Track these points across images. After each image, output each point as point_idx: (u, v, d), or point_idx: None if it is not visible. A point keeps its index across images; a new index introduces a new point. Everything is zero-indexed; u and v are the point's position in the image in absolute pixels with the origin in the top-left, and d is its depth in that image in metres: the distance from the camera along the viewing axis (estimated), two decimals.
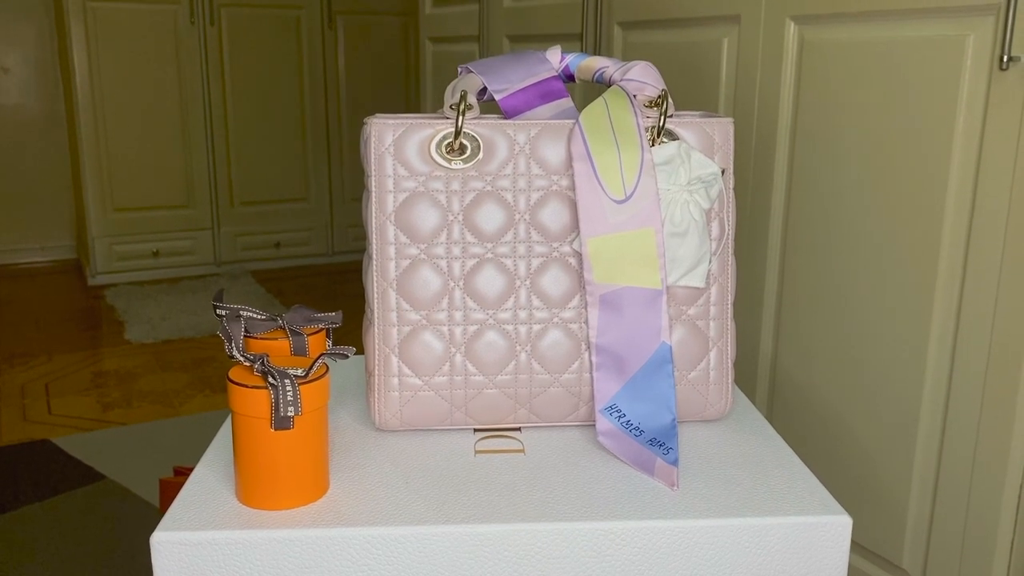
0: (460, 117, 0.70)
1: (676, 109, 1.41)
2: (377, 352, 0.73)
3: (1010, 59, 0.91)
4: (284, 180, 3.51)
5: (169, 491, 1.33)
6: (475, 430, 0.76)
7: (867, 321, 1.12)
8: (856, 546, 1.19)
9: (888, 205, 1.07)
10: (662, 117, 0.71)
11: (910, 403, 1.08)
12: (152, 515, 1.57)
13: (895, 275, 1.08)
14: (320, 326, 0.73)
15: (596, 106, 0.70)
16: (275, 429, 0.60)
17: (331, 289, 3.25)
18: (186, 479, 1.06)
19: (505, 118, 0.74)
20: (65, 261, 3.64)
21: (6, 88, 3.44)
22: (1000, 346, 0.96)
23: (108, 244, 3.24)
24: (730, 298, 0.76)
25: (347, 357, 0.64)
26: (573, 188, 0.71)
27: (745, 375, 1.35)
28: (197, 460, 1.80)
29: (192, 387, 2.26)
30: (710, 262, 0.74)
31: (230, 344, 0.63)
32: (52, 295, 3.14)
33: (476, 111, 0.72)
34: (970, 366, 1.00)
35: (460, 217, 0.72)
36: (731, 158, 0.74)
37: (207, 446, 1.87)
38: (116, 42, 3.11)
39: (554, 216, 0.72)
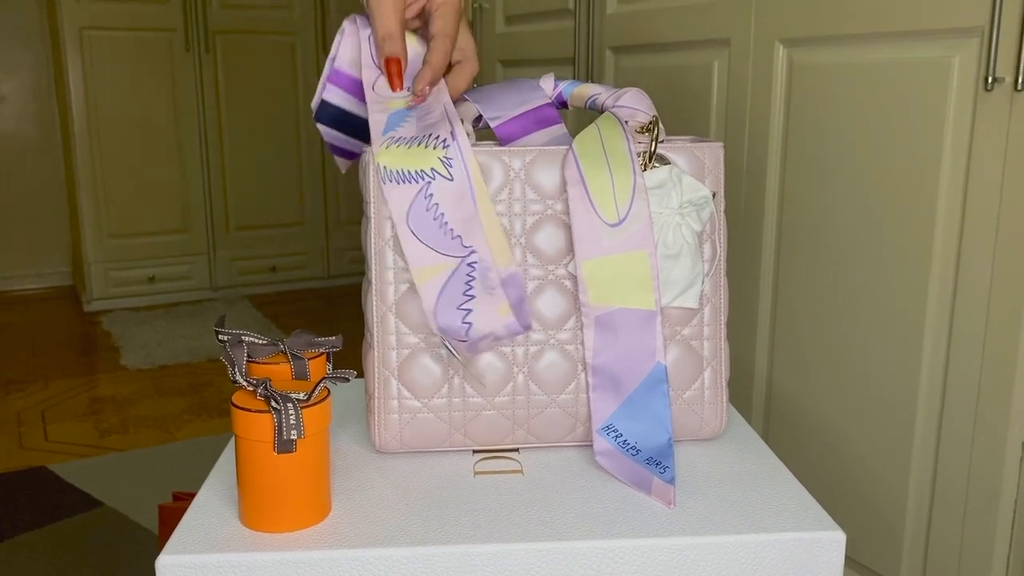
0: None
1: (668, 131, 1.43)
2: (377, 375, 0.74)
3: (994, 80, 0.93)
4: (280, 205, 3.53)
5: (168, 517, 1.33)
6: (474, 451, 0.77)
7: (860, 338, 1.13)
8: (854, 563, 1.20)
9: (878, 223, 1.09)
10: (653, 142, 0.72)
11: (905, 420, 1.09)
12: (151, 541, 1.57)
13: (887, 293, 1.09)
14: (321, 350, 0.74)
15: (589, 132, 0.72)
16: (278, 452, 0.61)
17: (328, 312, 3.26)
18: (185, 505, 1.07)
19: (500, 145, 0.75)
20: (61, 287, 3.65)
21: (2, 115, 3.46)
22: (992, 363, 0.98)
23: (104, 270, 3.24)
24: (723, 318, 0.77)
25: (348, 381, 0.65)
26: (567, 212, 0.72)
27: (741, 394, 1.36)
28: (195, 485, 1.80)
29: (189, 412, 2.26)
30: (703, 283, 0.75)
31: (233, 369, 0.64)
32: (48, 321, 3.14)
33: (472, 138, 0.74)
34: (963, 382, 1.01)
35: None
36: (722, 181, 0.75)
37: (205, 471, 1.87)
38: (112, 69, 3.13)
39: (549, 240, 0.73)
